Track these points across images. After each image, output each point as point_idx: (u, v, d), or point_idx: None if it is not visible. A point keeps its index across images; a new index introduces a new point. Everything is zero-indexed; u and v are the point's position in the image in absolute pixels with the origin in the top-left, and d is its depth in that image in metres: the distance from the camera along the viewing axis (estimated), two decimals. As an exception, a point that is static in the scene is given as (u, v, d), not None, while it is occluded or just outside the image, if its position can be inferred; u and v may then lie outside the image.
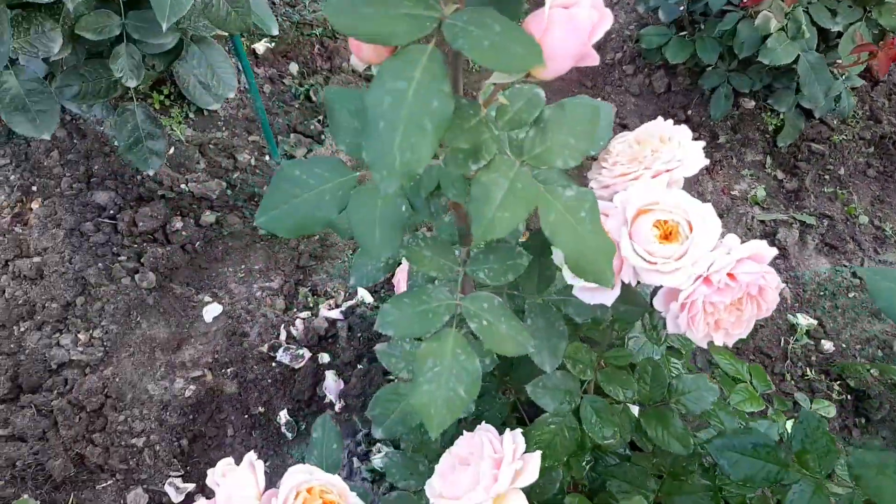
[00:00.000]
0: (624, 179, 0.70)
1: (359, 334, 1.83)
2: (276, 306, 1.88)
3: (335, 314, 1.87)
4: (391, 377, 1.67)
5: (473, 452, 0.72)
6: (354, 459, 1.71)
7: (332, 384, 1.74)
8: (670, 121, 0.75)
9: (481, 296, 0.66)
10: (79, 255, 1.86)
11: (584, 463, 0.94)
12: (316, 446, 0.82)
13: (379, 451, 1.72)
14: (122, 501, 1.62)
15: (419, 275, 0.85)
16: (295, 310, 1.90)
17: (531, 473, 0.69)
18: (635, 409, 0.99)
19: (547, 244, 0.72)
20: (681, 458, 0.96)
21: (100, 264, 1.85)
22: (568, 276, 0.67)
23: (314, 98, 2.36)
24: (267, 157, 2.18)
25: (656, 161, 0.69)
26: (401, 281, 1.00)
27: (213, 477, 0.71)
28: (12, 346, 1.75)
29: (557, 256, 0.71)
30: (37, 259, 1.84)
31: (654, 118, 0.76)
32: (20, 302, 1.79)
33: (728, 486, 0.94)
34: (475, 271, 0.70)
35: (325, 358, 1.79)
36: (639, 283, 0.67)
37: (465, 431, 0.77)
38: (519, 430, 0.73)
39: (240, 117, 2.25)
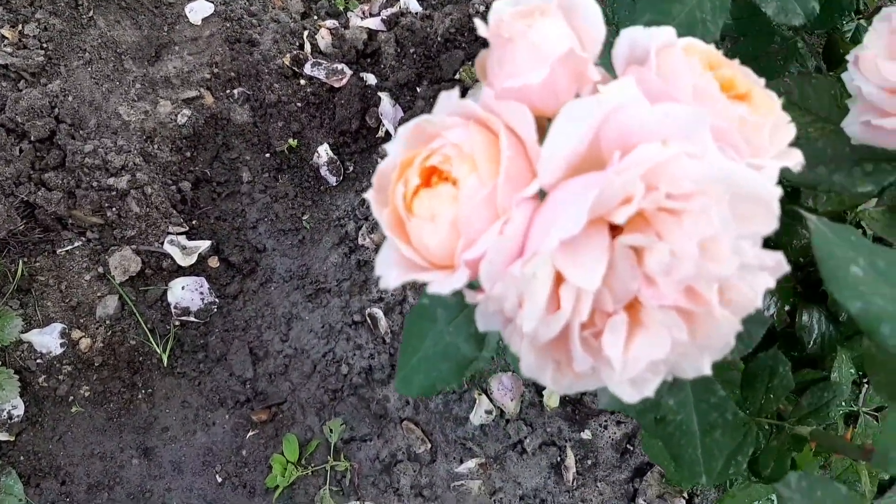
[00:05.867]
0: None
1: (411, 50, 1.32)
2: (291, 8, 1.33)
3: (373, 23, 1.34)
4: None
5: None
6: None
7: (388, 108, 1.25)
8: None
9: None
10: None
11: None
12: None
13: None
14: (99, 269, 1.12)
15: None
16: (316, 17, 1.36)
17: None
18: None
19: None
20: None
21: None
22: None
23: None
24: None
25: None
26: None
27: (504, 25, 0.30)
28: None
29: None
30: None
31: None
32: None
33: None
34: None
35: (370, 79, 1.29)
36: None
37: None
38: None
39: None
